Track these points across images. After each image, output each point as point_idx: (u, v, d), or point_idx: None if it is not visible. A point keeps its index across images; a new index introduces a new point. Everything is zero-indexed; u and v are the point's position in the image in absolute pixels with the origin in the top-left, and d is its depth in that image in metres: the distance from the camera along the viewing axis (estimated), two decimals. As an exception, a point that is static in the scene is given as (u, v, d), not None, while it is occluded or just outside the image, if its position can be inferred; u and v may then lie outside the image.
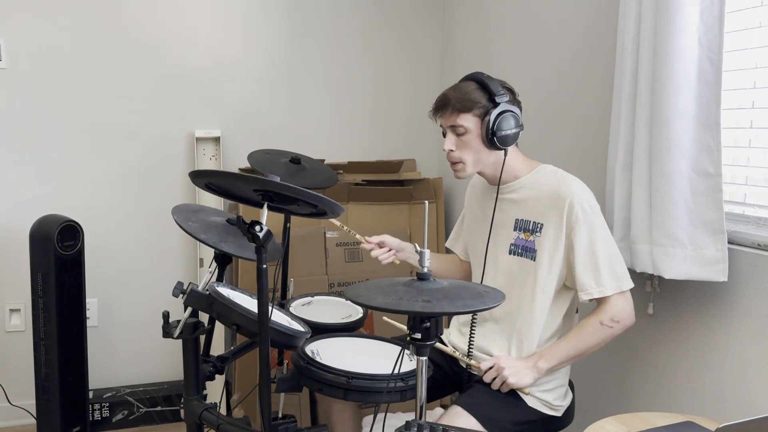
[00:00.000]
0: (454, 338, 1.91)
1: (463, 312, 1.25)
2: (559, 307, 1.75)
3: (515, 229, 1.76)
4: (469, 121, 1.69)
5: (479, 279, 1.82)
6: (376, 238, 1.93)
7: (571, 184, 1.69)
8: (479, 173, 1.80)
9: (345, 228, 1.97)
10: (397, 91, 3.20)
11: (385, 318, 1.79)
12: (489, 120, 1.66)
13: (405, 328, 1.69)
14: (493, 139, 1.67)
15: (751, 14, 1.70)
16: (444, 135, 1.77)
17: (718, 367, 1.73)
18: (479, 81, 1.70)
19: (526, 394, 1.68)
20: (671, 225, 1.69)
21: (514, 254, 1.76)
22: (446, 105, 1.70)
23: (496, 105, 1.67)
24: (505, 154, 1.73)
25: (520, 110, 1.74)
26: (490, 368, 1.66)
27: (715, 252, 1.64)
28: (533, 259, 1.72)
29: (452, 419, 1.61)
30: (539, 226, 1.71)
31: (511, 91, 1.73)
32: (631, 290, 1.71)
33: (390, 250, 1.92)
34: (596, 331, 1.65)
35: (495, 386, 1.66)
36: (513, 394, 1.70)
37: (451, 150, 1.72)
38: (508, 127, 1.67)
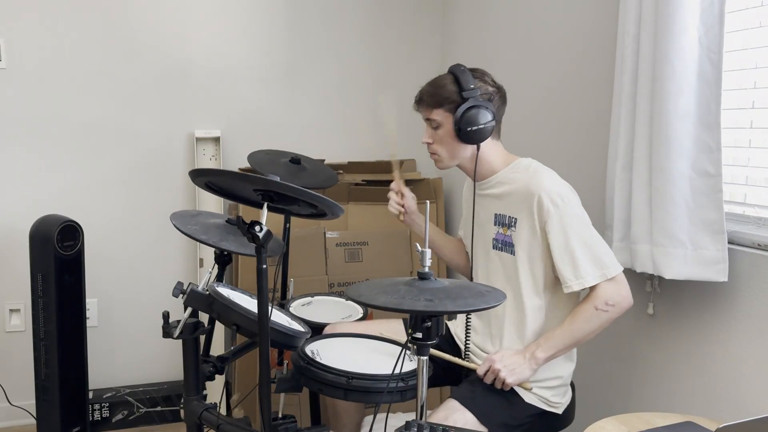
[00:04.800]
0: (460, 331, 1.91)
1: (465, 311, 1.25)
2: (561, 301, 1.74)
3: (495, 224, 1.77)
4: (441, 116, 1.71)
5: (472, 275, 1.83)
6: (406, 191, 2.00)
7: (540, 179, 1.68)
8: (459, 167, 1.81)
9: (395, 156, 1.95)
10: (397, 91, 3.19)
11: (381, 332, 1.79)
12: (457, 115, 1.67)
13: (400, 341, 1.70)
14: (463, 135, 1.68)
15: (751, 14, 1.70)
16: (415, 106, 1.82)
17: (718, 367, 1.73)
18: (454, 74, 1.71)
19: (529, 389, 1.67)
20: (671, 225, 1.69)
21: (497, 249, 1.77)
22: (421, 99, 1.75)
23: (464, 100, 1.67)
24: (477, 150, 1.74)
25: (503, 104, 1.74)
26: (488, 371, 1.65)
27: (716, 252, 1.64)
28: (513, 253, 1.73)
29: (448, 414, 1.61)
30: (514, 220, 1.72)
31: (490, 84, 1.72)
32: (631, 290, 1.70)
33: (404, 207, 1.98)
34: (591, 317, 1.63)
35: (497, 387, 1.66)
36: (510, 390, 1.70)
37: (429, 142, 1.77)
38: (477, 123, 1.67)
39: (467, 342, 1.80)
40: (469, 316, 1.80)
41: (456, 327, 1.95)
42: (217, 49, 2.95)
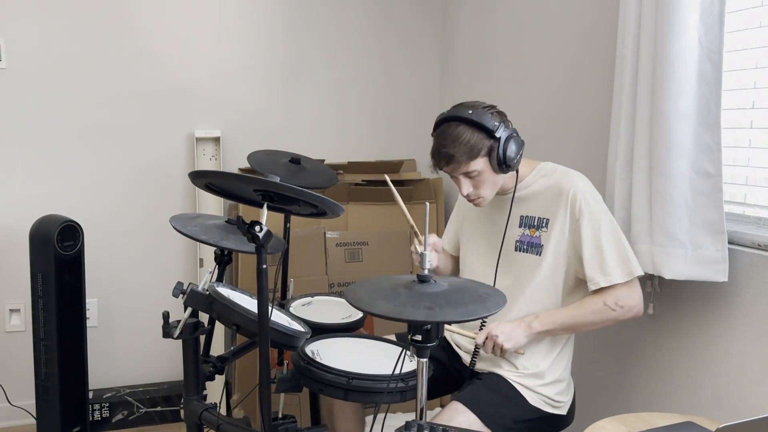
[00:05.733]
0: (457, 337, 1.91)
1: (465, 320, 1.24)
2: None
3: (520, 226, 1.78)
4: (479, 164, 1.67)
5: (491, 281, 1.80)
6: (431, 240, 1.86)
7: (572, 178, 1.72)
8: None
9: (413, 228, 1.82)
10: (397, 91, 3.20)
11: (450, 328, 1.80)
12: (498, 155, 1.66)
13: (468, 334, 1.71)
14: (507, 167, 1.68)
15: (751, 14, 1.70)
16: (440, 169, 1.75)
17: (718, 367, 1.73)
18: (470, 122, 1.65)
19: (521, 353, 1.69)
20: (671, 225, 1.69)
21: (520, 251, 1.77)
22: (452, 161, 1.67)
23: (497, 139, 1.66)
24: (517, 173, 1.76)
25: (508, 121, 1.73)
26: (486, 339, 1.67)
27: (716, 252, 1.64)
28: (538, 254, 1.73)
29: (452, 415, 1.61)
30: (545, 221, 1.73)
31: (495, 110, 1.70)
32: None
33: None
34: (598, 310, 1.65)
35: (496, 354, 1.68)
36: (514, 391, 1.70)
37: (470, 192, 1.72)
38: (515, 151, 1.68)
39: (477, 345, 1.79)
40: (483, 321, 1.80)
41: (452, 334, 1.94)
42: (217, 50, 2.95)
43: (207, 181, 1.49)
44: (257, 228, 1.35)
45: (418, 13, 3.21)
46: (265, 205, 1.41)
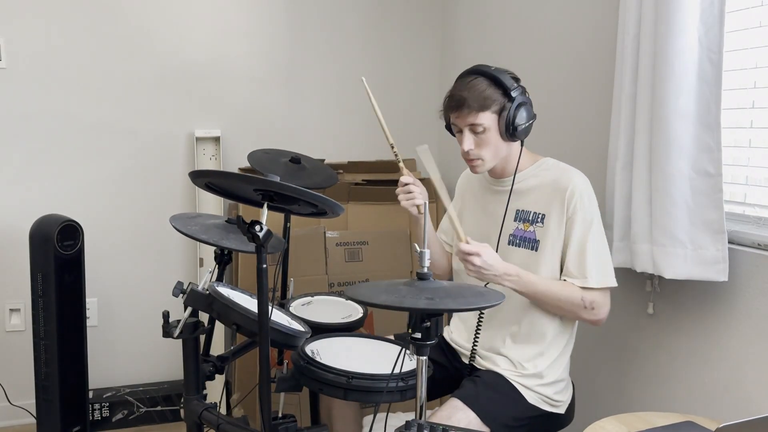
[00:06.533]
0: (456, 336, 1.91)
1: (466, 309, 1.25)
2: None
3: (515, 220, 1.77)
4: (488, 119, 1.67)
5: None
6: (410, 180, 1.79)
7: (573, 175, 1.71)
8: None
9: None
10: (397, 91, 3.20)
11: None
12: (508, 115, 1.66)
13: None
14: (513, 133, 1.68)
15: (751, 14, 1.70)
16: (450, 131, 1.77)
17: (718, 366, 1.73)
18: (489, 76, 1.67)
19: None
20: (671, 225, 1.69)
21: (513, 245, 1.76)
22: (462, 105, 1.66)
23: (511, 99, 1.66)
24: (522, 145, 1.75)
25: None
26: (470, 256, 1.58)
27: (716, 252, 1.64)
28: (535, 249, 1.72)
29: (451, 412, 1.61)
30: (540, 216, 1.72)
31: (517, 80, 1.71)
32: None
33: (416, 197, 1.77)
34: (574, 302, 1.65)
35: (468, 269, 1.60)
36: (514, 390, 1.70)
37: (471, 149, 1.70)
38: (525, 119, 1.68)
39: (476, 340, 1.79)
40: (481, 314, 1.79)
41: (451, 332, 1.94)
42: (217, 49, 2.95)
43: (207, 180, 1.49)
44: (257, 227, 1.35)
45: (418, 13, 3.21)
46: (265, 205, 1.41)
